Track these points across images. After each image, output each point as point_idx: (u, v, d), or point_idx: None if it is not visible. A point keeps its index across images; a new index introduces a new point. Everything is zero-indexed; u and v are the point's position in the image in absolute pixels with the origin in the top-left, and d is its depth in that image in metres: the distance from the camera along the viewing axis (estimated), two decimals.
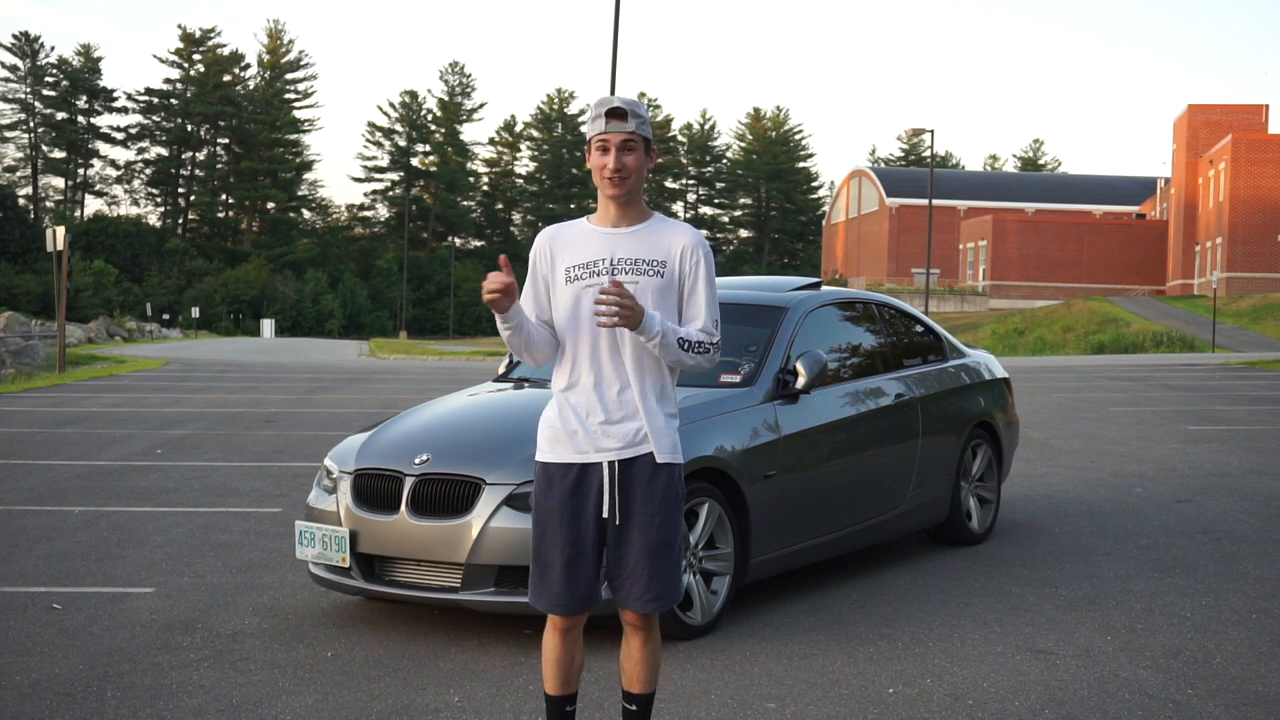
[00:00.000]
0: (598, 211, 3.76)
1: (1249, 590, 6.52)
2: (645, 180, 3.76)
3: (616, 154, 3.62)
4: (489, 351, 42.52)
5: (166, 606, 6.15)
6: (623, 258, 3.66)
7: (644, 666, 3.81)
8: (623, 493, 3.67)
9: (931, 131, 47.57)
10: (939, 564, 7.19)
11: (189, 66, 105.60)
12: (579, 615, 3.76)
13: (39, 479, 10.42)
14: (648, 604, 3.68)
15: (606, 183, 3.65)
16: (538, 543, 3.74)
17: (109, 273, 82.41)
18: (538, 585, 3.74)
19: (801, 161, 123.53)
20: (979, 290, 77.50)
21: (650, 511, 3.67)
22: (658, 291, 3.65)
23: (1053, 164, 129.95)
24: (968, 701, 4.74)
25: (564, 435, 3.70)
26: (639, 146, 3.65)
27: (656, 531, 3.68)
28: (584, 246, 3.70)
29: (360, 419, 15.52)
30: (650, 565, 3.66)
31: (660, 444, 3.68)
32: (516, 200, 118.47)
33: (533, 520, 3.77)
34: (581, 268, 3.68)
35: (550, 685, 3.82)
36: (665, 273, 3.67)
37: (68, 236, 26.86)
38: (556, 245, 3.75)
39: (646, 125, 3.67)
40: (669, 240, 3.70)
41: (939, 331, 8.11)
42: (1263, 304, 52.53)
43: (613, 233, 3.70)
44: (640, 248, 3.68)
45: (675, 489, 3.73)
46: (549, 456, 3.73)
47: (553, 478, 3.71)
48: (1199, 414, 16.64)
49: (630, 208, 3.71)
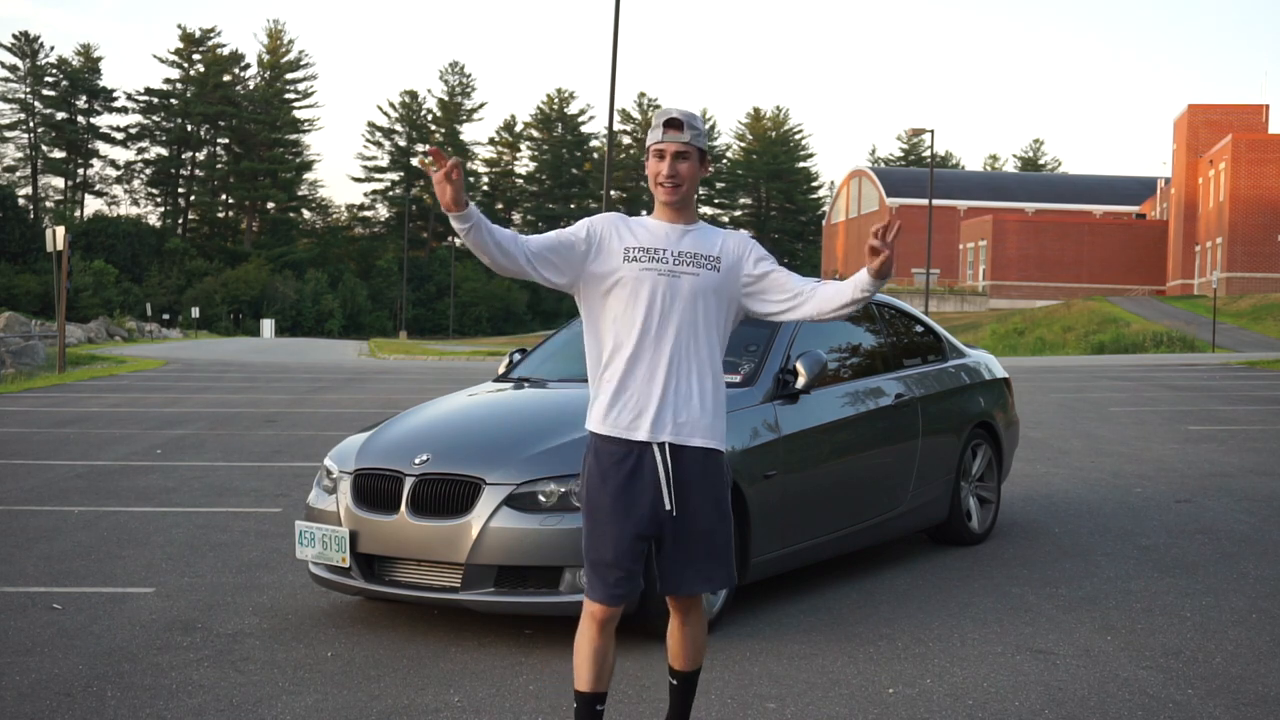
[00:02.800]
0: (655, 213, 3.94)
1: (1249, 590, 6.52)
2: (698, 189, 3.93)
3: (671, 162, 3.81)
4: (489, 351, 42.52)
5: (166, 606, 6.15)
6: (684, 251, 3.83)
7: (687, 644, 3.98)
8: (678, 477, 3.77)
9: (931, 131, 47.58)
10: (939, 564, 7.19)
11: (189, 66, 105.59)
12: (622, 606, 3.82)
13: (39, 479, 10.42)
14: (696, 585, 3.84)
15: (660, 189, 3.84)
16: (589, 535, 3.81)
17: (109, 273, 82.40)
18: (591, 577, 3.80)
19: (801, 161, 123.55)
20: (979, 290, 77.48)
21: (703, 496, 3.80)
22: (714, 286, 3.83)
23: (1053, 164, 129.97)
24: (968, 701, 4.74)
25: (616, 417, 3.79)
26: (693, 156, 3.82)
27: (708, 514, 3.81)
28: (647, 234, 3.86)
29: (360, 419, 15.52)
30: (703, 549, 3.80)
31: (712, 428, 3.81)
32: (516, 200, 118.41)
33: (585, 512, 3.84)
34: (643, 251, 3.82)
35: (585, 682, 3.83)
36: (721, 268, 3.85)
37: (68, 236, 26.87)
38: (619, 226, 3.90)
39: (702, 137, 3.85)
40: (720, 240, 3.91)
41: (939, 331, 8.11)
42: (1263, 304, 52.51)
43: (672, 228, 3.87)
44: (698, 244, 3.87)
45: (726, 474, 3.89)
46: (603, 429, 3.80)
47: (606, 469, 3.78)
48: (1199, 414, 16.64)
49: (684, 213, 3.89)
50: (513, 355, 7.37)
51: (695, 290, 3.79)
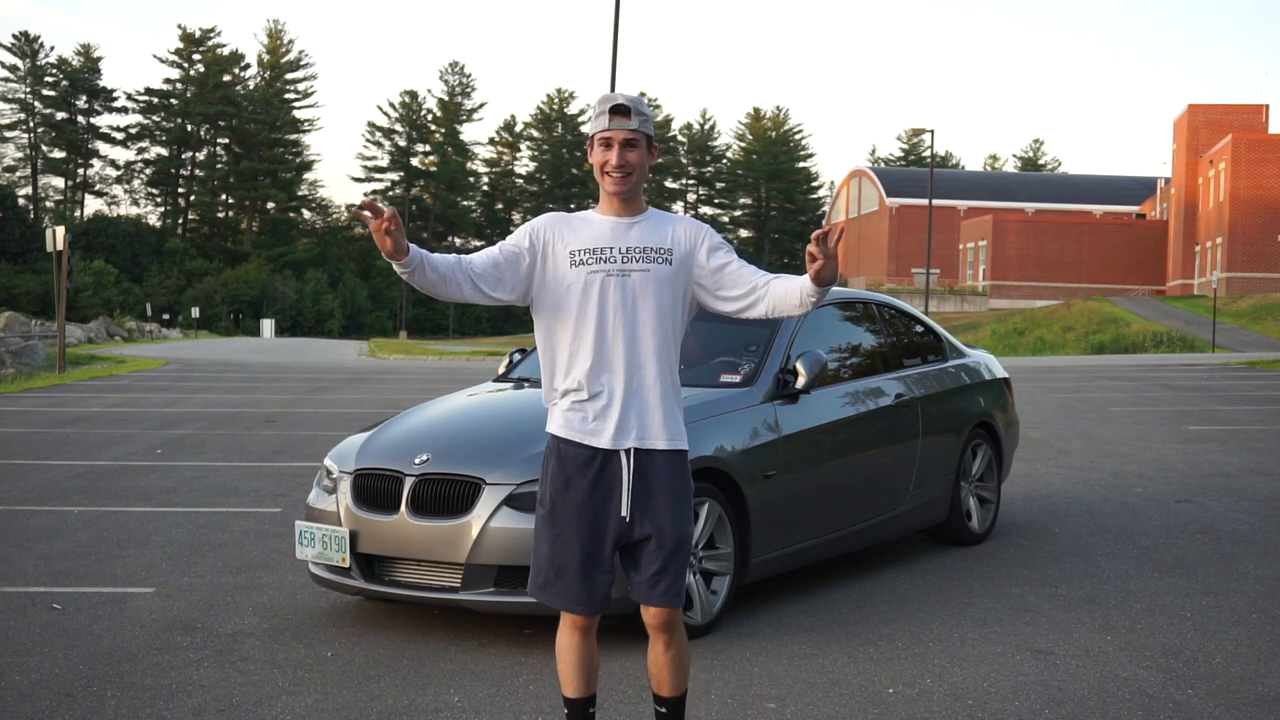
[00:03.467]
0: (600, 205, 3.78)
1: (1249, 590, 6.52)
2: (646, 178, 3.77)
3: (620, 150, 3.65)
4: (489, 351, 42.51)
5: (166, 606, 6.15)
6: (631, 247, 3.69)
7: (671, 669, 3.77)
8: (642, 485, 3.65)
9: (931, 131, 47.56)
10: (939, 564, 7.19)
11: (189, 66, 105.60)
12: (598, 614, 3.73)
13: (39, 479, 10.42)
14: (671, 598, 3.67)
15: (609, 179, 3.67)
16: (554, 542, 3.69)
17: (109, 273, 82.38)
18: (554, 585, 3.70)
19: (801, 161, 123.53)
20: (979, 290, 77.48)
21: (671, 504, 3.66)
22: (668, 279, 3.69)
23: (1053, 164, 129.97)
24: (968, 701, 4.74)
25: (579, 422, 3.68)
26: (641, 143, 3.68)
27: (678, 524, 3.67)
28: (591, 233, 3.71)
29: (360, 419, 15.52)
30: (672, 559, 3.65)
31: (670, 430, 3.68)
32: (516, 200, 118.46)
33: (546, 519, 3.71)
34: (589, 253, 3.68)
35: (571, 688, 3.77)
36: (673, 259, 3.71)
37: (68, 236, 26.88)
38: (561, 228, 3.74)
39: (649, 123, 3.70)
40: (669, 229, 3.75)
41: (939, 331, 8.11)
42: (1263, 304, 52.51)
43: (618, 222, 3.72)
44: (646, 237, 3.71)
45: (688, 478, 3.73)
46: (564, 433, 3.68)
47: (570, 474, 3.67)
48: (1199, 414, 16.63)
49: (632, 203, 3.74)
50: (513, 355, 7.37)
51: (646, 286, 3.65)
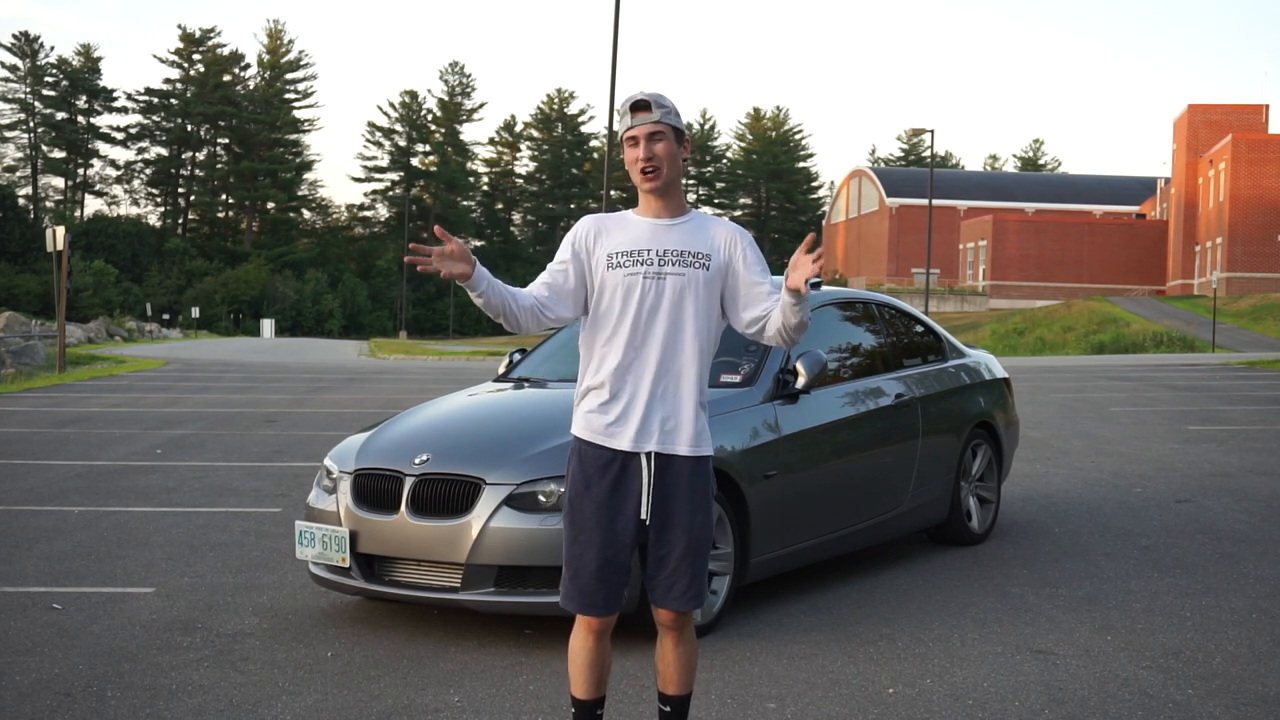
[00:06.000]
0: (639, 206, 3.75)
1: (1249, 590, 6.52)
2: (683, 174, 3.74)
3: (646, 144, 3.61)
4: (489, 351, 42.51)
5: (166, 606, 6.15)
6: (669, 249, 3.65)
7: (680, 667, 3.77)
8: (662, 489, 3.63)
9: (931, 131, 47.54)
10: (939, 564, 7.19)
11: (189, 66, 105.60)
12: (613, 615, 3.72)
13: (39, 479, 10.42)
14: (688, 601, 3.66)
15: (641, 176, 3.64)
16: (572, 544, 3.68)
17: (109, 273, 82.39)
18: (569, 587, 3.69)
19: (801, 161, 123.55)
20: (979, 290, 77.48)
21: (690, 507, 3.65)
22: (704, 284, 3.65)
23: (1053, 164, 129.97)
24: (968, 701, 4.74)
25: (600, 424, 3.66)
26: (668, 135, 3.63)
27: (696, 528, 3.65)
28: (629, 234, 3.68)
29: (360, 419, 15.52)
30: (689, 562, 3.64)
31: (696, 436, 3.66)
32: (516, 200, 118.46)
33: (567, 521, 3.70)
34: (626, 255, 3.65)
35: (582, 690, 3.75)
36: (711, 265, 3.66)
37: (68, 236, 26.88)
38: (602, 230, 3.72)
39: (673, 115, 3.66)
40: (711, 233, 3.71)
41: (939, 331, 8.11)
42: (1263, 304, 52.52)
43: (657, 224, 3.69)
44: (686, 240, 3.67)
45: (710, 483, 3.72)
46: (587, 435, 3.66)
47: (590, 476, 3.65)
48: (1199, 414, 16.64)
49: (670, 200, 3.70)
50: (513, 355, 7.37)
51: (682, 291, 3.62)
